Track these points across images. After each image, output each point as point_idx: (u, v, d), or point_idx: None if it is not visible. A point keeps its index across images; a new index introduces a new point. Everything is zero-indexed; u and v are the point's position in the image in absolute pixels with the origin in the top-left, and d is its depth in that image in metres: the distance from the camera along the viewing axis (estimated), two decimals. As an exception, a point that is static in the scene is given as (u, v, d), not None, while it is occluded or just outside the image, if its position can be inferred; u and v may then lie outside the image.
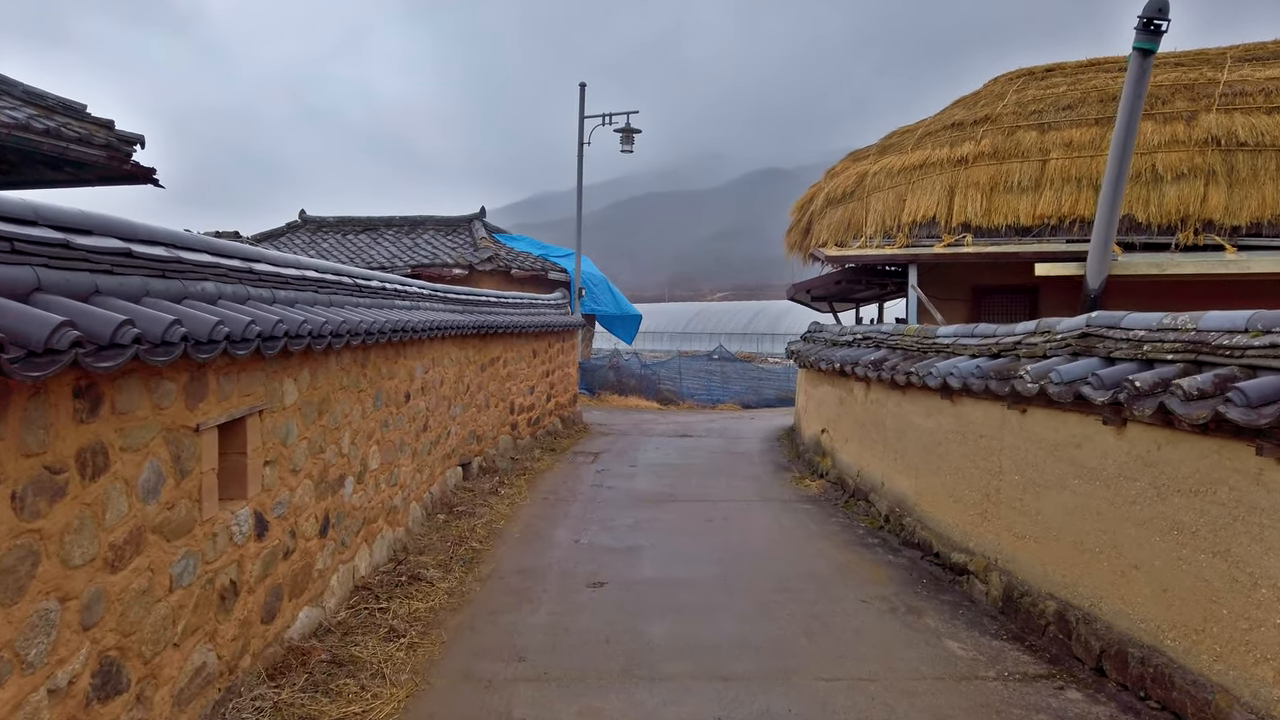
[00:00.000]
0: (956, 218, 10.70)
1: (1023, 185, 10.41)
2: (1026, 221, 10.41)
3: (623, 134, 19.24)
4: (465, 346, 9.93)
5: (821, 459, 10.37)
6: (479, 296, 10.80)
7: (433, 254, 19.46)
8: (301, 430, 4.92)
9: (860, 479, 8.82)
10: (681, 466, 11.44)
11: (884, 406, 8.20)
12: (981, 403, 6.13)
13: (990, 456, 5.97)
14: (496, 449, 11.23)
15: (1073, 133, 10.40)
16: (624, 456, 12.28)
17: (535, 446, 12.49)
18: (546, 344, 13.77)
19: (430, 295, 8.96)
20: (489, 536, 7.65)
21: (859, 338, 9.23)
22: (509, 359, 11.81)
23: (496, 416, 11.26)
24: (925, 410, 7.14)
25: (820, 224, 12.01)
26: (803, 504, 9.10)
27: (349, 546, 5.79)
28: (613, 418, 17.39)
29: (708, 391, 24.83)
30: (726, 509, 8.86)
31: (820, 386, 10.65)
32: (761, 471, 11.05)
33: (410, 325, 6.92)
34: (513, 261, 19.33)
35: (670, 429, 15.64)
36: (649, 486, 10.07)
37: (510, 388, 11.86)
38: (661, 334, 57.37)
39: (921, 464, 7.20)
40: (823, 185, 12.63)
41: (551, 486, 10.02)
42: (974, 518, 6.19)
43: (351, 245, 20.92)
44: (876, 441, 8.38)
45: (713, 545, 7.45)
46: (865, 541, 7.56)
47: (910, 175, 11.19)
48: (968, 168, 10.79)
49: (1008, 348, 5.97)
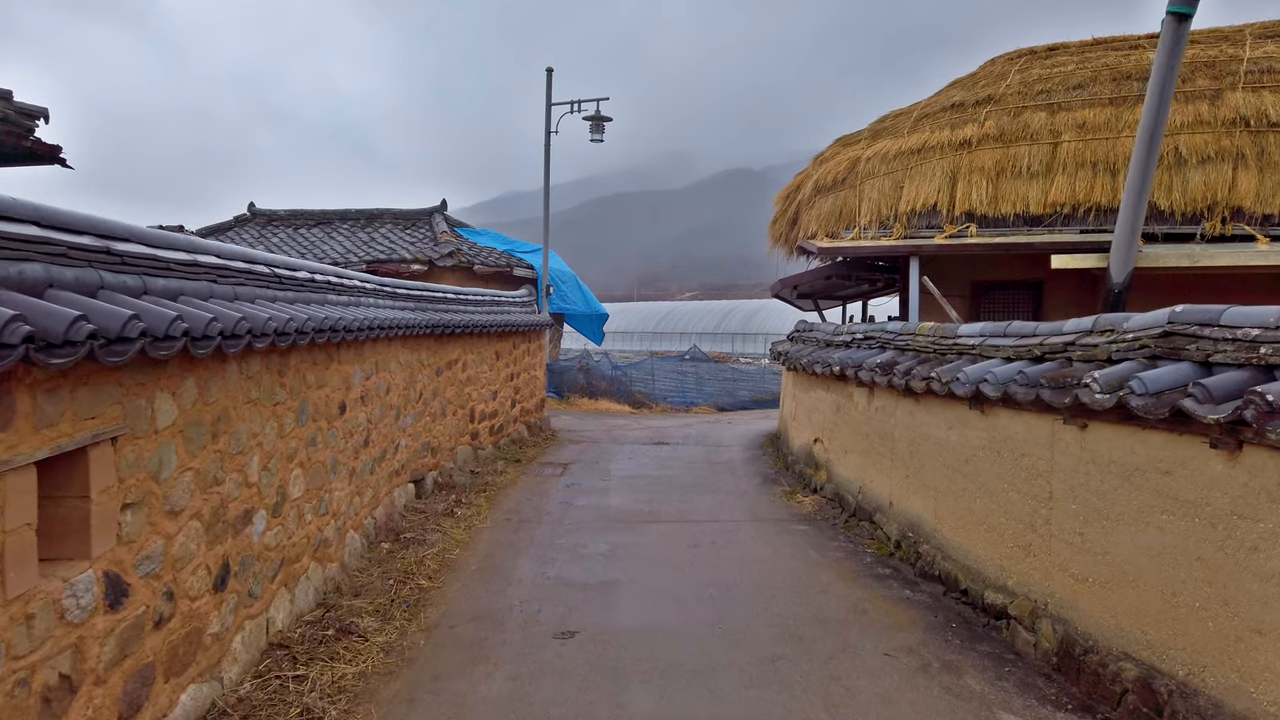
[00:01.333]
0: (960, 206, 9.78)
1: (1032, 170, 9.51)
2: (1037, 210, 9.51)
3: (592, 122, 18.19)
4: (418, 348, 8.83)
5: (814, 472, 9.39)
6: (434, 292, 9.69)
7: (390, 249, 18.26)
8: (184, 459, 3.81)
9: (863, 497, 7.85)
10: (659, 479, 10.42)
11: (892, 416, 7.24)
12: (1022, 415, 5.17)
13: (1036, 479, 5.00)
14: (454, 462, 10.13)
15: (1085, 113, 9.52)
16: (596, 467, 11.23)
17: (498, 457, 11.39)
18: (511, 345, 12.69)
19: (376, 290, 7.85)
20: (440, 570, 6.56)
21: (859, 338, 8.27)
22: (469, 361, 10.71)
23: (454, 425, 10.16)
24: (946, 421, 6.17)
25: (809, 214, 11.05)
26: (797, 524, 8.11)
27: (259, 597, 4.68)
28: (583, 423, 16.33)
29: (681, 394, 23.84)
30: (713, 531, 7.84)
31: (812, 392, 9.69)
32: (748, 485, 10.05)
33: (345, 324, 5.82)
34: (476, 257, 18.19)
35: (644, 435, 14.61)
36: (625, 504, 9.03)
37: (470, 393, 10.77)
38: (632, 334, 56.36)
39: (942, 484, 6.23)
40: (811, 172, 11.67)
41: (515, 504, 8.94)
42: (1014, 551, 5.22)
43: (303, 240, 19.66)
44: (883, 455, 7.41)
45: (701, 579, 6.42)
46: (875, 572, 6.57)
47: (908, 160, 10.26)
48: (971, 151, 9.87)
49: (1055, 350, 5.01)
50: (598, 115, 18.04)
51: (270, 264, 5.39)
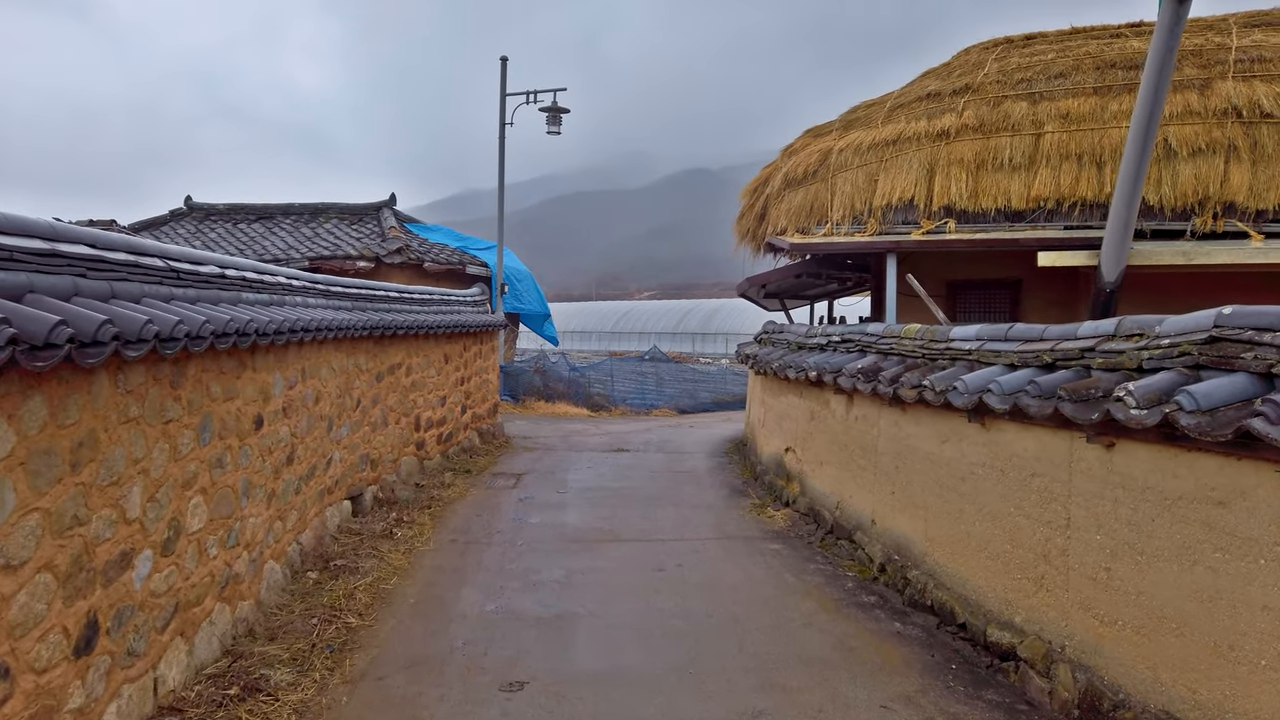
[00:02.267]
0: (938, 200, 9.24)
1: (1014, 163, 9.01)
2: (1019, 205, 9.00)
3: (549, 114, 17.44)
4: (355, 352, 8.05)
5: (786, 484, 8.78)
6: (374, 290, 8.90)
7: (335, 245, 17.33)
8: (27, 497, 3.04)
9: (841, 513, 7.25)
10: (620, 491, 9.73)
11: (874, 426, 6.63)
12: (1032, 430, 4.57)
13: (1050, 504, 4.41)
14: (397, 474, 9.34)
15: (1069, 103, 9.03)
16: (551, 478, 10.51)
17: (446, 468, 10.62)
18: (461, 347, 11.91)
19: (305, 288, 7.06)
20: (373, 604, 5.80)
21: (835, 340, 7.66)
22: (414, 365, 9.93)
23: (398, 435, 9.38)
24: (938, 434, 5.57)
25: (777, 209, 10.44)
26: (770, 543, 7.48)
27: (143, 654, 3.90)
28: (539, 428, 15.58)
29: (641, 396, 23.18)
30: (679, 552, 7.18)
31: (783, 398, 9.07)
32: (714, 497, 9.41)
33: (259, 327, 5.05)
34: (426, 254, 17.33)
35: (603, 442, 13.91)
36: (582, 520, 8.33)
37: (416, 400, 9.98)
38: (590, 334, 55.62)
39: (934, 503, 5.63)
40: (779, 165, 11.06)
41: (463, 522, 8.19)
42: (1022, 583, 4.63)
43: (243, 235, 18.64)
44: (864, 469, 6.81)
45: (669, 609, 5.75)
46: (859, 600, 5.96)
47: (882, 152, 9.70)
48: (949, 143, 9.34)
49: (1068, 357, 4.42)
50: (554, 106, 17.29)
51: (166, 256, 4.60)
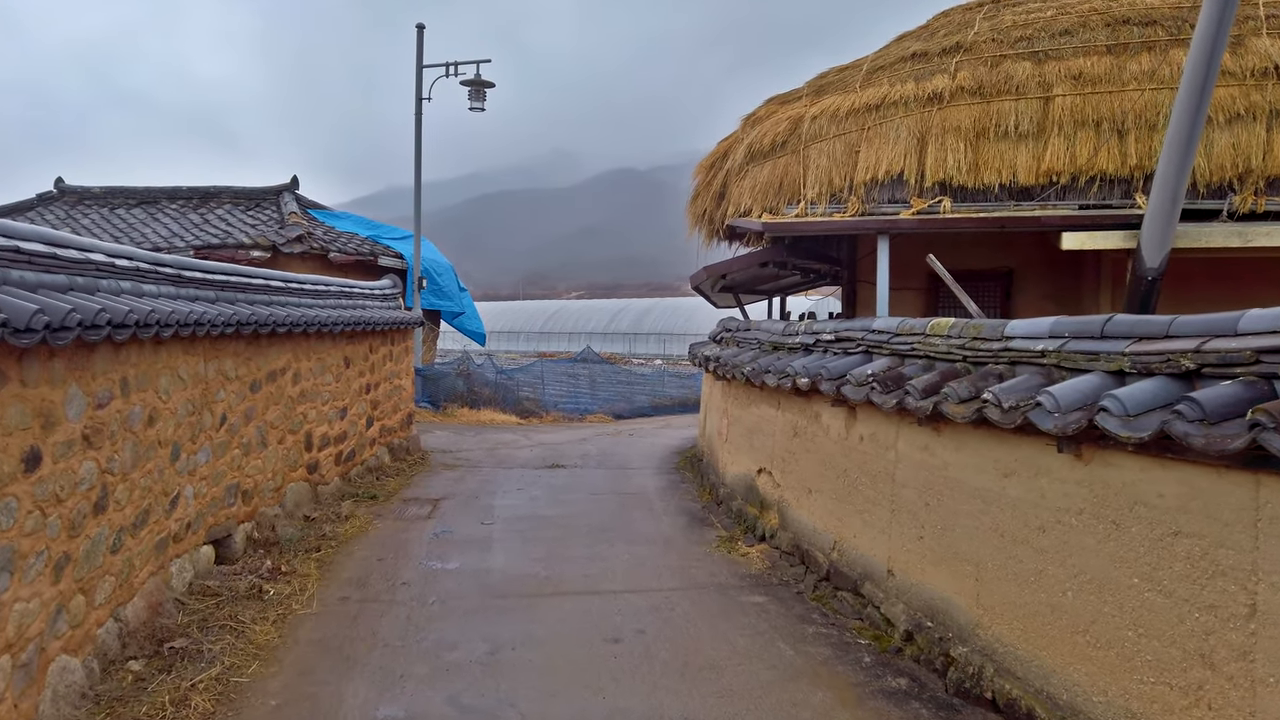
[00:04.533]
0: (932, 174, 7.87)
1: (1021, 131, 7.69)
2: (1027, 179, 7.69)
3: (472, 88, 15.68)
4: (218, 354, 6.26)
5: (760, 513, 7.28)
6: (248, 278, 7.10)
7: (225, 232, 15.24)
8: None
9: (840, 556, 5.77)
10: (558, 521, 8.10)
11: (889, 450, 5.17)
12: (1174, 467, 3.15)
13: (1217, 579, 2.98)
14: (281, 506, 7.55)
15: (1080, 63, 7.76)
16: (475, 505, 8.82)
17: (346, 494, 8.83)
18: (367, 348, 10.11)
19: (136, 271, 5.27)
20: (215, 712, 4.08)
21: (827, 339, 6.19)
22: (305, 371, 8.13)
23: (282, 457, 7.58)
24: (998, 466, 4.13)
25: (740, 186, 8.95)
26: (751, 593, 5.96)
27: None
28: (462, 440, 13.82)
29: (574, 400, 21.53)
30: (638, 611, 5.60)
31: (754, 408, 7.58)
32: (671, 528, 7.86)
33: (13, 321, 3.31)
34: (332, 243, 15.38)
35: (536, 455, 12.24)
36: (512, 563, 6.69)
37: (307, 412, 8.19)
38: (518, 334, 53.66)
39: (991, 557, 4.18)
40: (741, 136, 9.56)
41: (360, 569, 6.47)
42: (1163, 692, 3.19)
43: (120, 222, 16.39)
44: (875, 503, 5.34)
45: (634, 712, 4.17)
46: (885, 684, 4.47)
47: (863, 119, 8.29)
48: (942, 108, 7.98)
49: (1233, 361, 3.00)
50: (477, 80, 15.54)
51: None
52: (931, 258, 6.09)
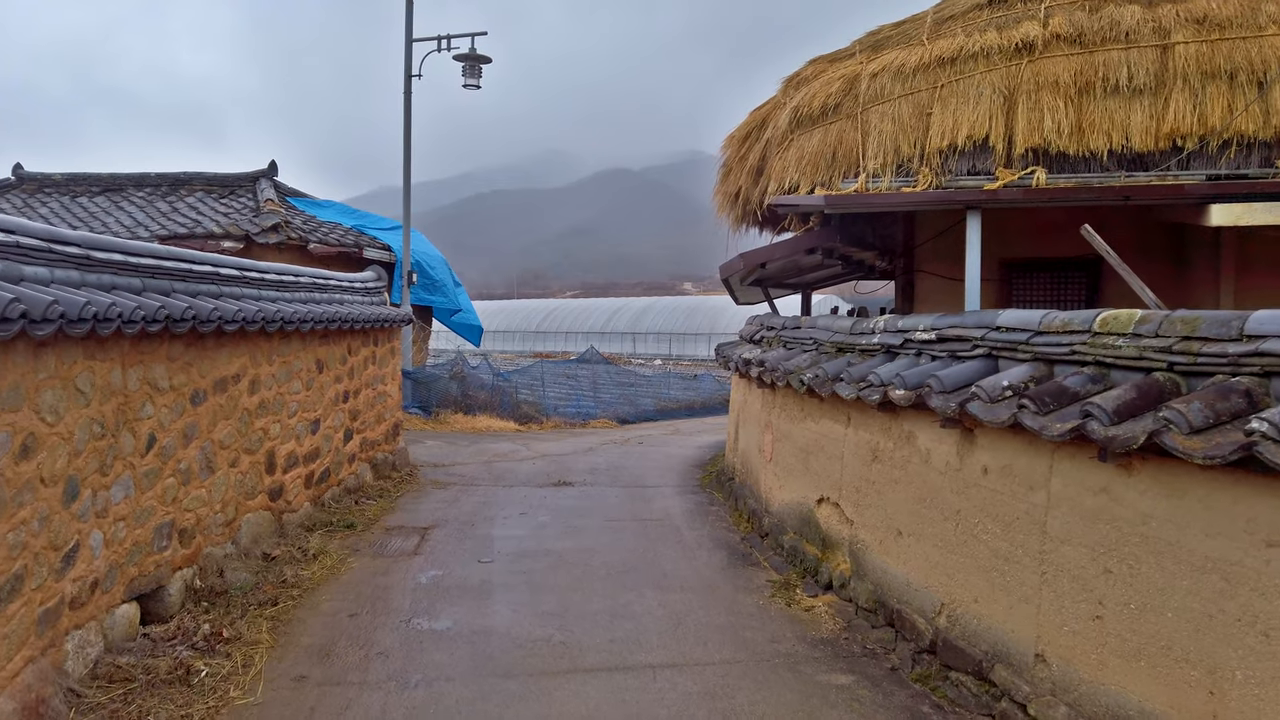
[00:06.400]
0: (1024, 139, 6.52)
1: (1135, 86, 6.35)
2: (1142, 144, 6.35)
3: (466, 63, 14.28)
4: (144, 359, 4.89)
5: (823, 553, 5.92)
6: (186, 263, 5.71)
7: (194, 221, 13.81)
8: None
9: (952, 624, 4.40)
10: (570, 559, 6.73)
11: (1037, 490, 3.80)
12: None
13: None
14: (234, 543, 6.16)
15: (1203, 3, 6.42)
16: (470, 536, 7.44)
17: (318, 523, 7.44)
18: (345, 349, 8.72)
19: (13, 248, 3.88)
20: None
21: (923, 339, 4.81)
22: (265, 378, 6.74)
23: (234, 484, 6.19)
24: (1257, 529, 2.77)
25: (783, 159, 7.58)
26: (831, 671, 4.59)
27: None
28: (456, 450, 12.44)
29: (576, 403, 20.18)
30: (687, 698, 4.23)
31: (811, 423, 6.21)
32: (709, 568, 6.48)
33: None
34: (312, 233, 13.95)
35: (539, 470, 10.87)
36: (518, 623, 5.31)
37: (268, 428, 6.80)
38: (513, 333, 52.29)
39: (1241, 665, 2.82)
40: (783, 100, 8.17)
41: (324, 633, 5.09)
42: None
43: (82, 210, 14.97)
44: (1010, 558, 3.98)
45: None
46: (1066, 836, 3.10)
47: (936, 75, 6.93)
48: (1034, 59, 6.63)
49: None
50: (472, 54, 14.14)
51: None
52: (1088, 229, 4.72)
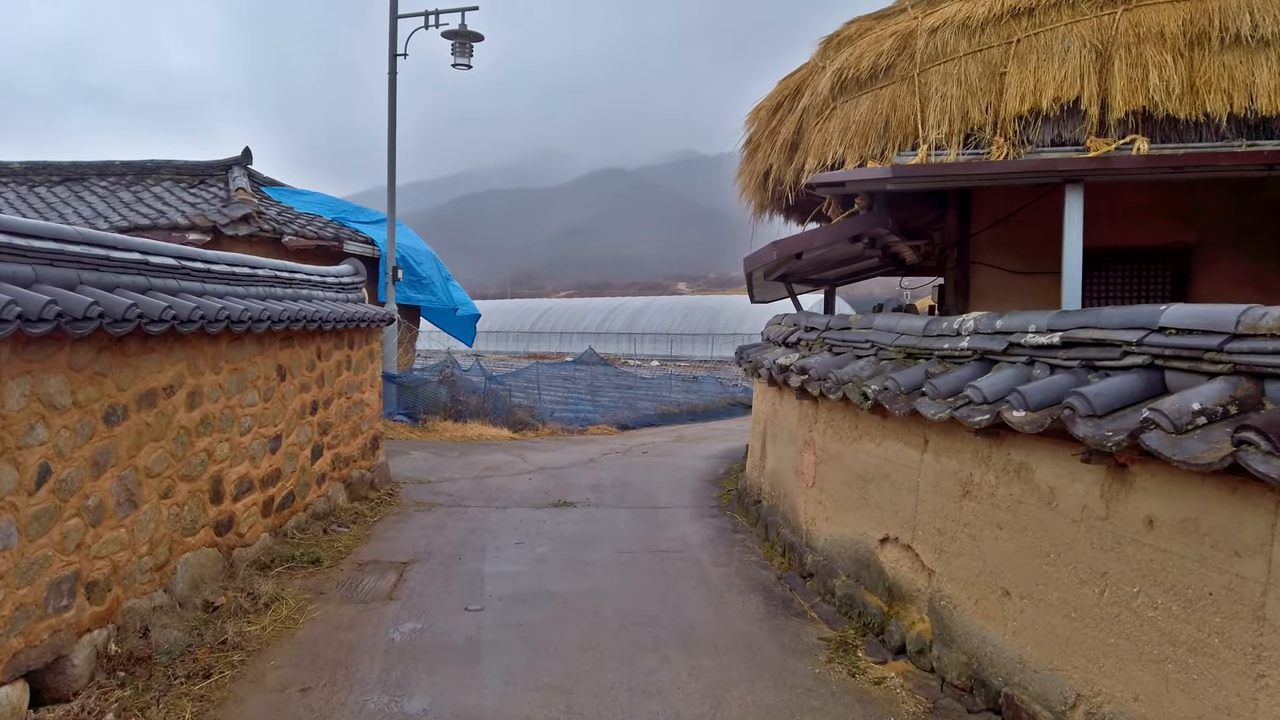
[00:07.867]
0: (1123, 101, 5.43)
1: (1260, 36, 5.28)
2: (1270, 107, 5.27)
3: (456, 40, 13.15)
4: (31, 368, 3.78)
5: (890, 606, 4.81)
6: (103, 248, 4.59)
7: (158, 212, 12.65)
8: None
9: None
10: (575, 605, 5.60)
11: (1252, 558, 2.71)
12: None
13: None
14: (168, 591, 5.03)
15: (1339, -62, 5.36)
16: (457, 574, 6.32)
17: (276, 558, 6.30)
18: (314, 352, 7.59)
19: None
20: None
21: (1040, 344, 3.71)
22: (208, 388, 5.61)
23: (169, 518, 5.06)
24: None
25: (824, 131, 6.48)
26: (927, 779, 3.48)
27: None
28: (444, 463, 11.31)
29: (573, 408, 19.06)
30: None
31: (871, 444, 5.11)
32: (745, 620, 5.36)
33: None
34: (288, 224, 12.80)
35: (536, 486, 9.75)
36: (512, 707, 4.18)
37: (214, 448, 5.67)
38: (507, 334, 51.06)
39: None
40: (821, 63, 7.06)
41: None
42: None
43: (39, 201, 13.80)
44: (1199, 649, 2.89)
45: None
46: None
47: (1010, 29, 5.84)
48: (1131, 8, 5.54)
49: None
50: (463, 31, 12.99)
51: None
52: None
